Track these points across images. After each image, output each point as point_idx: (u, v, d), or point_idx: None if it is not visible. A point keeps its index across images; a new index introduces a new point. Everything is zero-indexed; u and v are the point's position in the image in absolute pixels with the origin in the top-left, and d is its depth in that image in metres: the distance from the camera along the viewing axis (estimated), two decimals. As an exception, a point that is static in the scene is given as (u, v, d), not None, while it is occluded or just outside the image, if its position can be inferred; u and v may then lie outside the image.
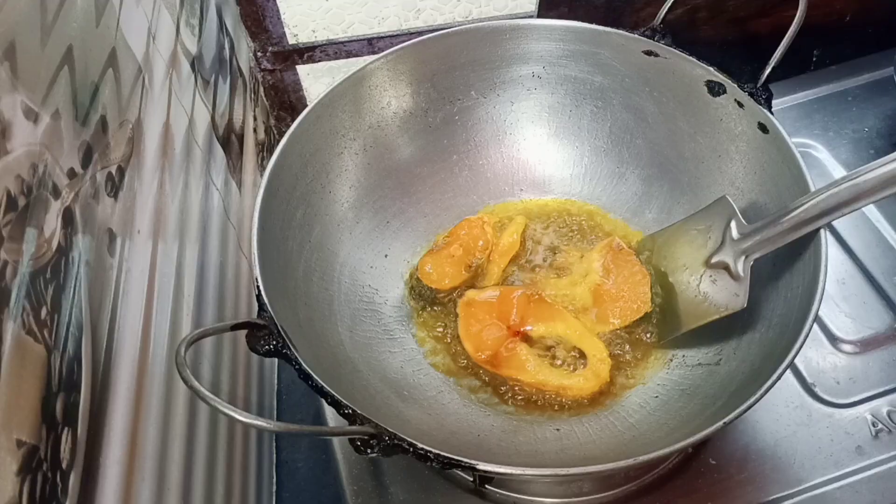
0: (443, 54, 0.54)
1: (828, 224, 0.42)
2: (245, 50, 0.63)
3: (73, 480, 0.27)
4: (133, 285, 0.35)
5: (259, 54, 0.65)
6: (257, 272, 0.41)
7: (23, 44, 0.28)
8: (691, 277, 0.49)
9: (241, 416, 0.32)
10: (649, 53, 0.52)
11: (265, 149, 0.66)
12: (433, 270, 0.54)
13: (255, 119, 0.64)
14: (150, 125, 0.40)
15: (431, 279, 0.54)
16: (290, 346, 0.38)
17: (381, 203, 0.56)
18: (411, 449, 0.35)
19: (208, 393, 0.32)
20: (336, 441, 0.54)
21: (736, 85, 0.49)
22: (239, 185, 0.56)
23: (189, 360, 0.33)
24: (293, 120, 0.48)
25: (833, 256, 0.60)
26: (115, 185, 0.34)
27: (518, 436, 0.46)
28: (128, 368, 0.33)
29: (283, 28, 0.63)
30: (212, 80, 0.52)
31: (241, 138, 0.58)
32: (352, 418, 0.36)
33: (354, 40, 0.65)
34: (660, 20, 0.52)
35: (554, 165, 0.59)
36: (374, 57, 0.52)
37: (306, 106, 0.49)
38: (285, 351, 0.38)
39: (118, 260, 0.34)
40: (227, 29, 0.58)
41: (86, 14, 0.34)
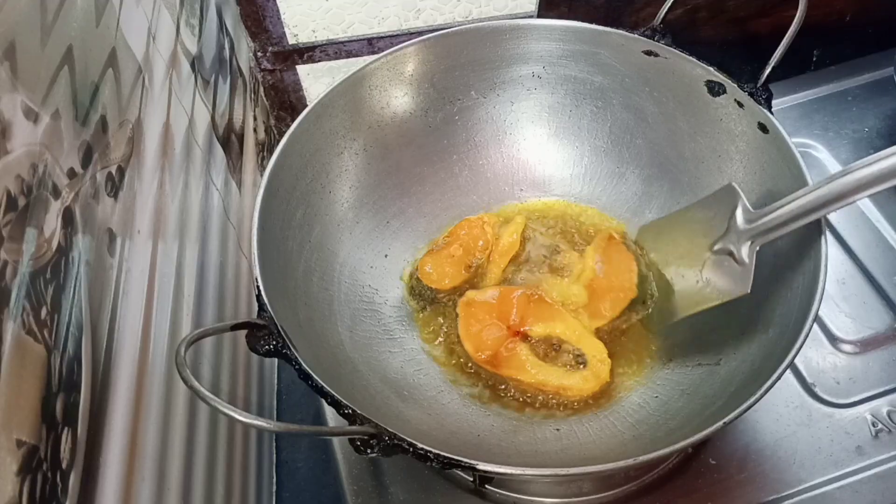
0: (443, 54, 0.54)
1: (838, 209, 0.41)
2: (245, 50, 0.63)
3: (73, 480, 0.27)
4: (133, 285, 0.35)
5: (259, 54, 0.65)
6: (257, 272, 0.41)
7: (23, 44, 0.28)
8: (694, 263, 0.48)
9: (241, 416, 0.32)
10: (649, 53, 0.52)
11: (265, 149, 0.66)
12: (433, 270, 0.54)
13: (255, 119, 0.64)
14: (150, 125, 0.40)
15: (431, 279, 0.54)
16: (290, 346, 0.38)
17: (381, 203, 0.56)
18: (411, 449, 0.35)
19: (208, 393, 0.32)
20: (336, 441, 0.54)
21: (736, 85, 0.49)
22: (239, 185, 0.56)
23: (189, 360, 0.33)
24: (293, 120, 0.48)
25: (833, 256, 0.60)
26: (115, 185, 0.34)
27: (518, 436, 0.46)
28: (128, 368, 0.33)
29: (283, 28, 0.63)
30: (212, 80, 0.52)
31: (241, 138, 0.58)
32: (352, 418, 0.36)
33: (354, 40, 0.65)
34: (660, 20, 0.52)
35: (554, 165, 0.59)
36: (374, 57, 0.52)
37: (306, 106, 0.49)
38: (285, 351, 0.38)
39: (118, 260, 0.34)
40: (227, 29, 0.58)
41: (86, 14, 0.34)
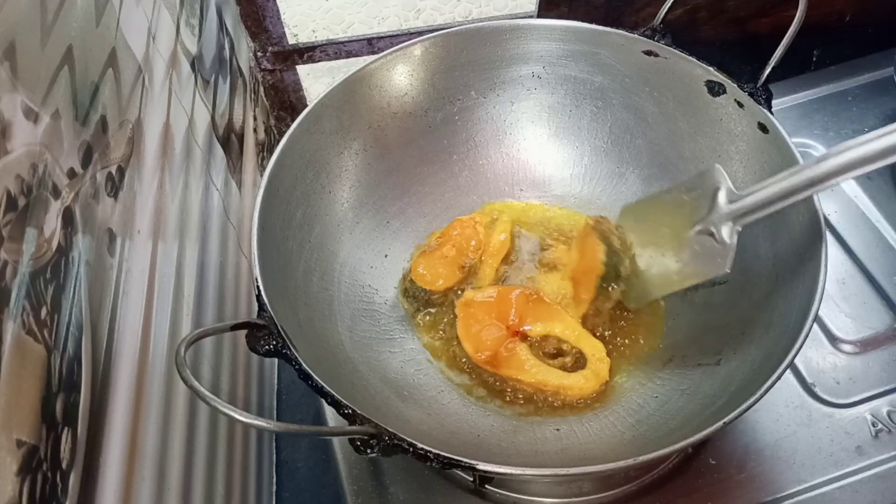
0: (443, 54, 0.54)
1: (823, 190, 0.40)
2: (245, 50, 0.63)
3: (73, 480, 0.27)
4: (133, 285, 0.35)
5: (259, 54, 0.65)
6: (257, 272, 0.41)
7: (23, 44, 0.28)
8: (675, 242, 0.48)
9: (241, 416, 0.32)
10: (649, 53, 0.52)
11: (265, 149, 0.66)
12: (427, 272, 0.54)
13: (255, 119, 0.64)
14: (150, 125, 0.40)
15: (425, 280, 0.53)
16: (290, 346, 0.38)
17: (381, 203, 0.56)
18: (411, 449, 0.35)
19: (208, 393, 0.32)
20: (336, 441, 0.54)
21: (736, 85, 0.49)
22: (239, 185, 0.56)
23: (189, 360, 0.33)
24: (293, 120, 0.48)
25: (833, 256, 0.60)
26: (115, 185, 0.34)
27: (518, 436, 0.46)
28: (128, 368, 0.33)
29: (283, 28, 0.63)
30: (212, 80, 0.52)
31: (241, 138, 0.58)
32: (352, 418, 0.36)
33: (354, 40, 0.65)
34: (660, 20, 0.52)
35: (554, 165, 0.59)
36: (374, 57, 0.52)
37: (306, 106, 0.49)
38: (285, 351, 0.38)
39: (118, 260, 0.34)
40: (227, 29, 0.58)
41: (86, 14, 0.34)
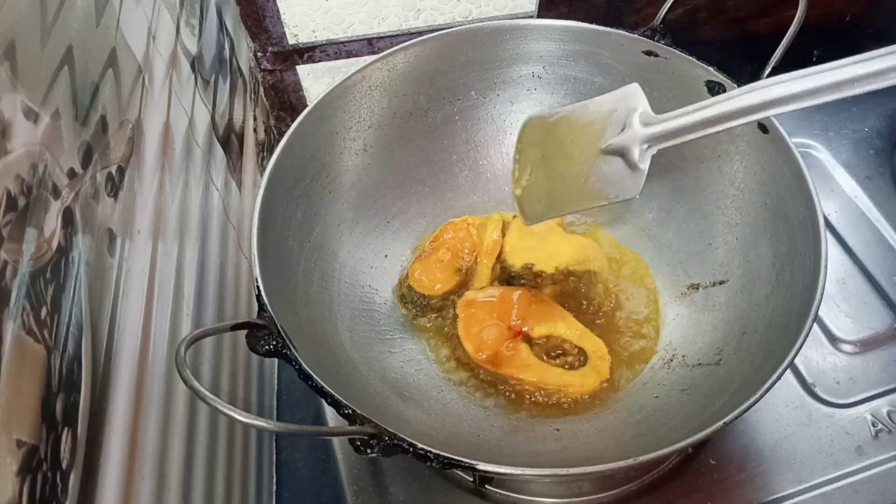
0: (443, 54, 0.54)
1: (745, 124, 0.38)
2: (245, 50, 0.63)
3: (73, 480, 0.27)
4: (133, 285, 0.35)
5: (259, 54, 0.65)
6: (257, 272, 0.41)
7: (23, 44, 0.28)
8: (582, 159, 0.45)
9: (241, 416, 0.32)
10: (649, 53, 0.52)
11: (265, 149, 0.66)
12: (424, 277, 0.54)
13: (255, 119, 0.64)
14: (150, 125, 0.39)
15: (423, 286, 0.54)
16: (290, 346, 0.38)
17: (381, 203, 0.56)
18: (411, 449, 0.35)
19: (208, 393, 0.32)
20: (336, 441, 0.54)
21: (736, 85, 0.49)
22: (239, 185, 0.56)
23: (189, 360, 0.33)
24: (293, 120, 0.48)
25: (833, 256, 0.60)
26: (115, 185, 0.34)
27: (518, 436, 0.46)
28: (128, 368, 0.33)
29: (283, 28, 0.63)
30: (212, 80, 0.51)
31: (241, 138, 0.58)
32: (352, 418, 0.36)
33: (354, 40, 0.65)
34: (660, 20, 0.52)
35: (554, 165, 0.59)
36: (374, 57, 0.52)
37: (306, 106, 0.49)
38: (285, 351, 0.38)
39: (118, 260, 0.34)
40: (227, 29, 0.58)
41: (86, 14, 0.34)
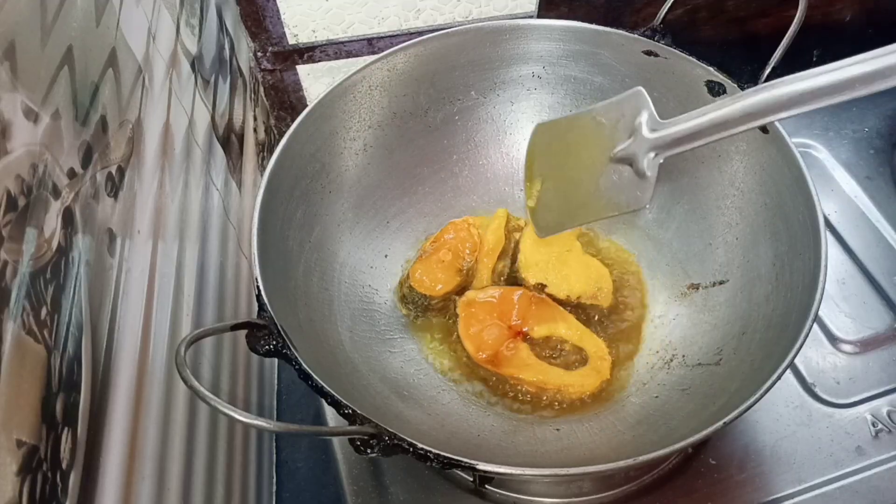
0: (443, 54, 0.54)
1: (751, 129, 0.37)
2: (245, 50, 0.63)
3: (73, 480, 0.27)
4: (133, 285, 0.35)
5: (259, 54, 0.65)
6: (257, 272, 0.41)
7: (23, 44, 0.28)
8: (591, 169, 0.45)
9: (241, 416, 0.32)
10: (649, 53, 0.52)
11: (265, 149, 0.66)
12: (425, 277, 0.54)
13: (255, 119, 0.64)
14: (150, 125, 0.39)
15: (424, 286, 0.54)
16: (290, 346, 0.38)
17: (381, 203, 0.56)
18: (411, 449, 0.35)
19: (208, 393, 0.32)
20: (336, 441, 0.54)
21: (736, 85, 0.49)
22: (239, 185, 0.56)
23: (189, 360, 0.33)
24: (293, 120, 0.48)
25: (833, 256, 0.60)
26: (115, 185, 0.34)
27: (518, 436, 0.46)
28: (128, 368, 0.33)
29: (283, 28, 0.63)
30: (212, 80, 0.51)
31: (241, 138, 0.58)
32: (352, 418, 0.36)
33: (354, 40, 0.65)
34: (660, 20, 0.52)
35: (554, 165, 0.59)
36: (374, 57, 0.52)
37: (306, 106, 0.49)
38: (285, 351, 0.38)
39: (118, 260, 0.34)
40: (227, 29, 0.58)
41: (86, 14, 0.34)
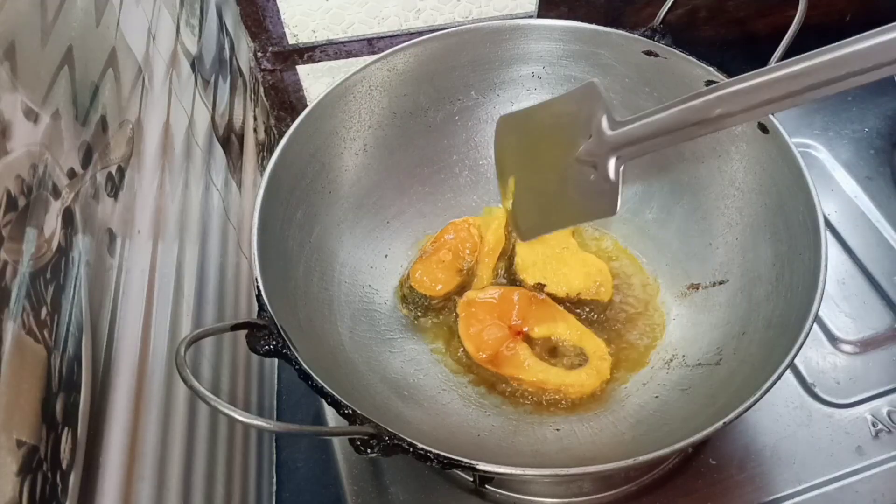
0: (443, 54, 0.54)
1: (718, 130, 0.34)
2: (245, 50, 0.63)
3: (73, 480, 0.27)
4: (133, 285, 0.35)
5: (259, 54, 0.65)
6: (257, 272, 0.41)
7: (23, 44, 0.28)
8: (560, 170, 0.42)
9: (241, 416, 0.32)
10: (649, 53, 0.52)
11: (265, 149, 0.66)
12: (425, 277, 0.54)
13: (255, 119, 0.64)
14: (150, 125, 0.39)
15: (425, 286, 0.54)
16: (290, 346, 0.38)
17: (381, 203, 0.56)
18: (411, 449, 0.35)
19: (208, 393, 0.32)
20: (336, 441, 0.54)
21: (736, 85, 0.49)
22: (239, 185, 0.56)
23: (189, 360, 0.33)
24: (293, 120, 0.48)
25: (833, 256, 0.60)
26: (115, 185, 0.34)
27: (518, 436, 0.46)
28: (128, 368, 0.33)
29: (283, 28, 0.63)
30: (212, 80, 0.51)
31: (241, 138, 0.58)
32: (352, 418, 0.36)
33: (354, 40, 0.65)
34: (660, 20, 0.52)
35: (554, 165, 0.59)
36: (374, 57, 0.52)
37: (306, 106, 0.49)
38: (285, 351, 0.38)
39: (118, 260, 0.34)
40: (227, 29, 0.58)
41: (86, 14, 0.34)
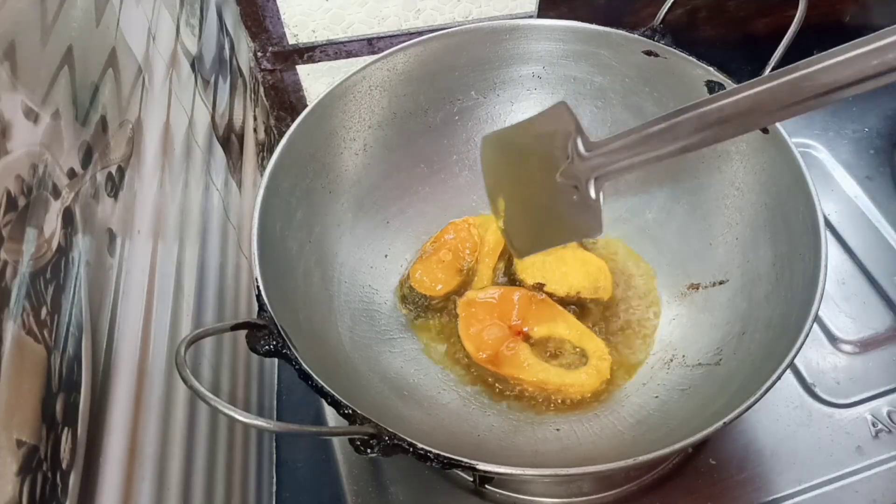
0: (443, 54, 0.54)
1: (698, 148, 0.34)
2: (245, 50, 0.63)
3: (73, 480, 0.27)
4: (133, 285, 0.35)
5: (259, 54, 0.65)
6: (257, 272, 0.41)
7: (23, 44, 0.28)
8: (545, 190, 0.42)
9: (241, 416, 0.32)
10: (649, 53, 0.52)
11: (265, 149, 0.66)
12: (425, 277, 0.54)
13: (255, 119, 0.64)
14: (150, 125, 0.39)
15: (425, 286, 0.54)
16: (290, 346, 0.38)
17: (381, 203, 0.56)
18: (411, 449, 0.35)
19: (208, 393, 0.32)
20: (336, 441, 0.54)
21: (736, 85, 0.49)
22: (239, 185, 0.56)
23: (189, 360, 0.33)
24: (293, 120, 0.48)
25: (833, 256, 0.60)
26: (115, 185, 0.34)
27: (518, 436, 0.46)
28: (128, 368, 0.33)
29: (283, 28, 0.63)
30: (212, 80, 0.51)
31: (241, 138, 0.58)
32: (352, 418, 0.36)
33: (354, 40, 0.65)
34: (660, 20, 0.51)
35: (554, 165, 0.59)
36: (374, 57, 0.52)
37: (306, 106, 0.49)
38: (285, 351, 0.38)
39: (118, 260, 0.34)
40: (227, 29, 0.58)
41: (86, 14, 0.34)
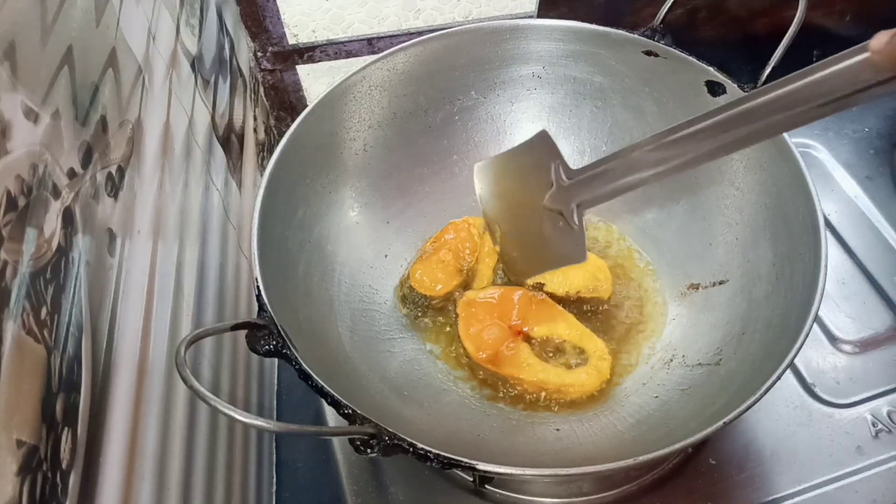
0: (443, 54, 0.54)
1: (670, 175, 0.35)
2: (245, 50, 0.63)
3: (73, 480, 0.27)
4: (133, 285, 0.35)
5: (259, 54, 0.65)
6: (257, 272, 0.41)
7: (23, 44, 0.28)
8: (534, 217, 0.44)
9: (241, 416, 0.32)
10: (649, 53, 0.52)
11: (265, 149, 0.66)
12: (426, 277, 0.54)
13: (255, 119, 0.64)
14: (150, 125, 0.39)
15: (425, 286, 0.54)
16: (290, 346, 0.38)
17: (381, 203, 0.56)
18: (411, 449, 0.35)
19: (208, 393, 0.32)
20: (336, 441, 0.54)
21: (736, 85, 0.49)
22: (239, 185, 0.56)
23: (189, 360, 0.33)
24: (293, 120, 0.48)
25: (833, 256, 0.60)
26: (115, 185, 0.34)
27: (518, 436, 0.46)
28: (128, 368, 0.33)
29: (283, 28, 0.63)
30: (212, 80, 0.51)
31: (241, 138, 0.58)
32: (352, 418, 0.36)
33: (354, 40, 0.65)
34: (660, 20, 0.52)
35: (554, 165, 0.59)
36: (374, 57, 0.52)
37: (306, 106, 0.49)
38: (285, 351, 0.38)
39: (118, 260, 0.34)
40: (227, 29, 0.58)
41: (86, 14, 0.34)
